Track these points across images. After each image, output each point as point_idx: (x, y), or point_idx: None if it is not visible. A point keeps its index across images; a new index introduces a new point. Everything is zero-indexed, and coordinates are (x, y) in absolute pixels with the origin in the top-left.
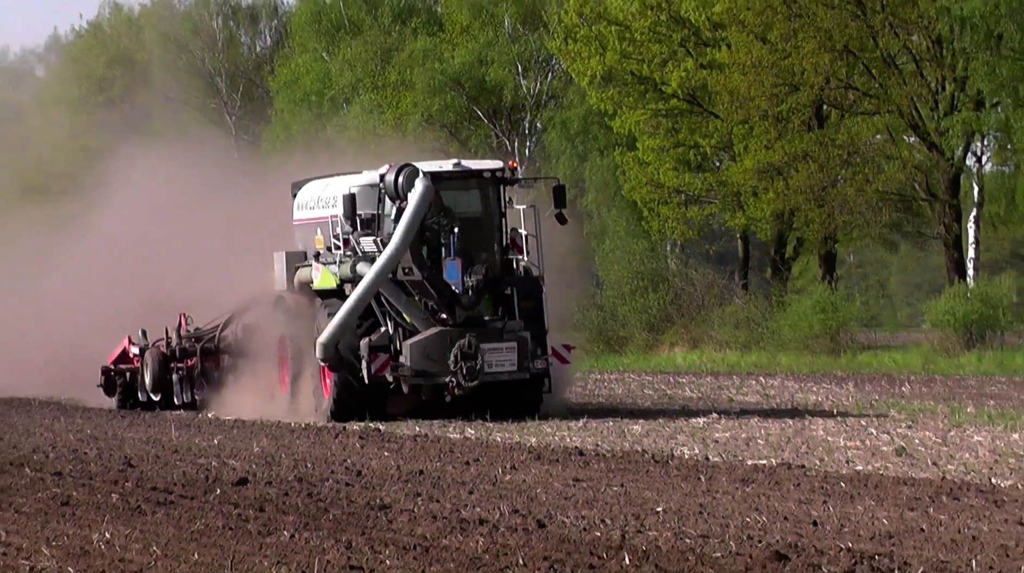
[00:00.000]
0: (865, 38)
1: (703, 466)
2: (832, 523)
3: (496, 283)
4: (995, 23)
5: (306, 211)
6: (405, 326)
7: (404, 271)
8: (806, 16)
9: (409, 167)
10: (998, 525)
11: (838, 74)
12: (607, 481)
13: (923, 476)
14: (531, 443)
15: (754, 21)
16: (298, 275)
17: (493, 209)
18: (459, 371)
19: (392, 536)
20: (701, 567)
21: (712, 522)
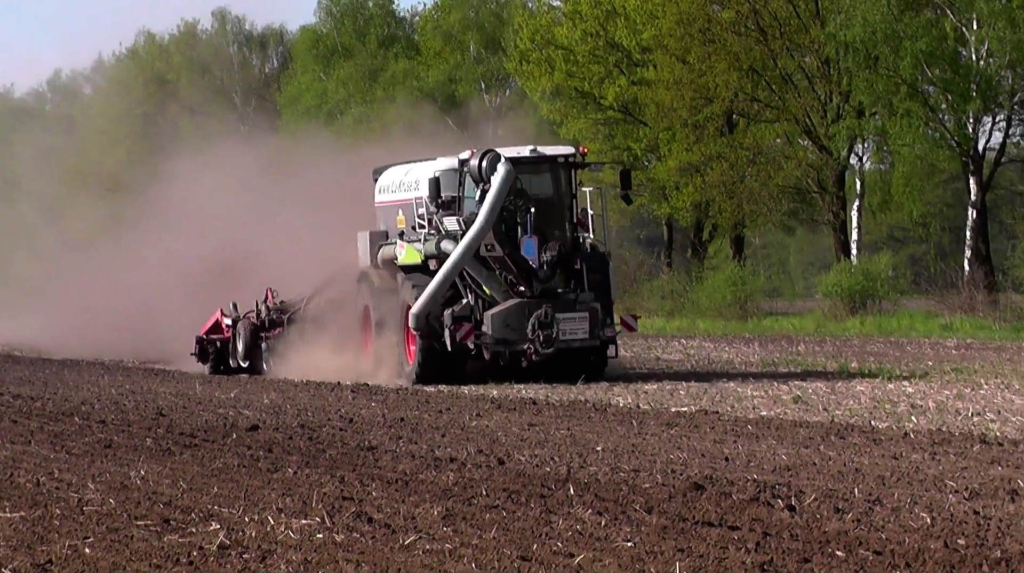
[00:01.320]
0: (767, 59)
1: (635, 413)
2: (741, 459)
3: (567, 258)
4: (872, 47)
5: (387, 194)
6: (485, 298)
7: (487, 248)
8: (718, 42)
9: (492, 153)
10: (876, 459)
11: (745, 89)
12: (556, 426)
13: (815, 419)
14: (493, 394)
15: (676, 45)
16: (382, 253)
17: (564, 191)
18: (536, 339)
19: (378, 472)
20: (633, 496)
21: (642, 459)
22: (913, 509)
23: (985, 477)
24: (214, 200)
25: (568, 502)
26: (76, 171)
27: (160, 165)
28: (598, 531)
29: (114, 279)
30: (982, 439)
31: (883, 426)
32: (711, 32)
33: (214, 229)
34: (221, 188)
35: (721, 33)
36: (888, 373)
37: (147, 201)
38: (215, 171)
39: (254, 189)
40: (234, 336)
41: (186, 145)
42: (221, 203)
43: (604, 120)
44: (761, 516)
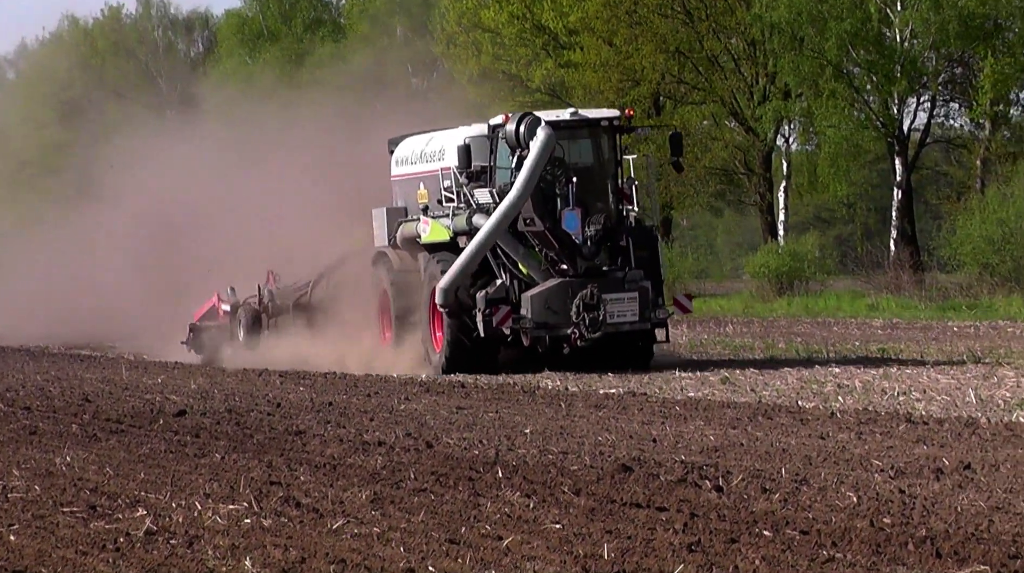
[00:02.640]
0: (693, 42)
1: (564, 395)
2: (669, 440)
3: (612, 233)
4: (798, 28)
5: (406, 167)
6: (521, 278)
7: (525, 222)
8: (645, 24)
9: (530, 116)
10: (803, 439)
11: (671, 71)
12: (484, 409)
13: (743, 400)
14: (421, 378)
15: (602, 28)
16: (402, 230)
17: (608, 158)
18: (581, 322)
19: (306, 456)
20: (561, 478)
21: (570, 441)
22: (839, 488)
23: (910, 456)
24: (162, 178)
25: (496, 485)
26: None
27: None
28: (526, 513)
29: (54, 263)
30: (908, 418)
31: (810, 406)
32: (637, 14)
33: (162, 208)
34: (168, 166)
35: (647, 15)
36: (815, 353)
37: (86, 182)
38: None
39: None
40: (234, 322)
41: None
42: (170, 180)
43: (531, 103)
44: (689, 497)
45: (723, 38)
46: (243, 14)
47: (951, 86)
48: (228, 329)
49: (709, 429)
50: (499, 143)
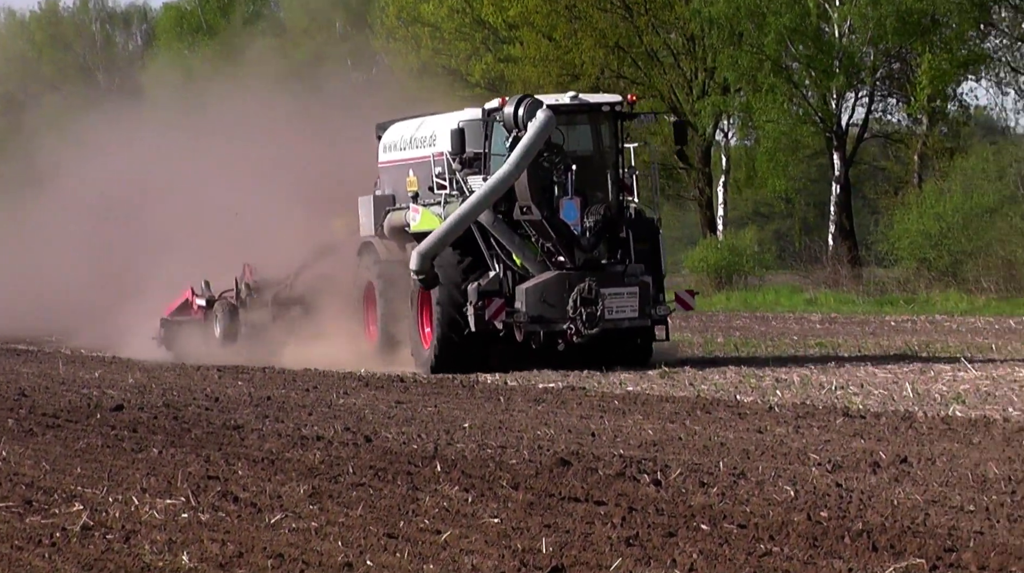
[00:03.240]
0: (632, 36)
1: (503, 389)
2: (607, 434)
3: (612, 225)
4: (737, 23)
5: (395, 152)
6: (516, 270)
7: (522, 210)
8: (584, 18)
9: (530, 98)
10: (741, 433)
11: (611, 66)
12: (423, 403)
13: (682, 394)
14: (360, 372)
15: (542, 23)
16: (389, 219)
17: (610, 145)
18: (578, 317)
19: (244, 451)
20: (500, 472)
21: (509, 435)
22: (777, 482)
23: (847, 450)
24: (107, 168)
25: (435, 479)
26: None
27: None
28: (464, 508)
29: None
30: (845, 412)
31: (748, 400)
32: (577, 9)
33: (109, 198)
34: (115, 155)
35: (587, 10)
36: (753, 347)
37: (29, 174)
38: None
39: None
40: (211, 318)
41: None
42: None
43: (471, 97)
44: (627, 491)
45: (662, 33)
46: (181, 8)
47: (889, 81)
48: (202, 324)
49: (648, 423)
50: (494, 128)
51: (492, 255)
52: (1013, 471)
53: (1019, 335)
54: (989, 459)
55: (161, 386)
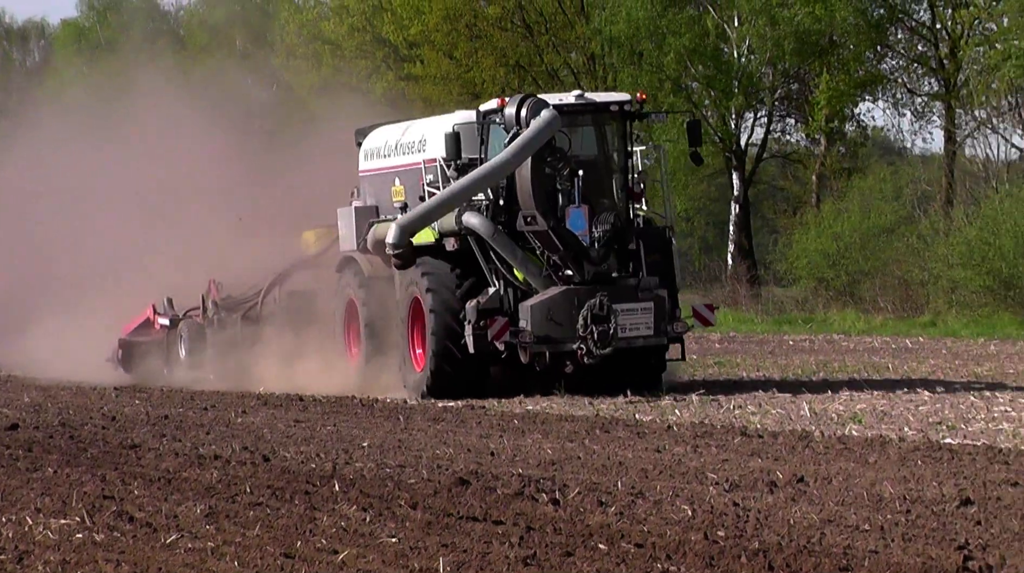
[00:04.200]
0: (533, 55)
1: (402, 409)
2: (507, 453)
3: (621, 235)
4: (637, 43)
5: (378, 160)
6: (518, 286)
7: (526, 220)
8: (485, 37)
9: (533, 98)
10: (640, 452)
11: (512, 85)
12: (322, 422)
13: (581, 414)
14: (259, 391)
15: (443, 41)
16: (374, 232)
17: (618, 148)
18: (589, 336)
19: (141, 470)
20: (398, 492)
21: (408, 454)
22: (674, 501)
23: (745, 469)
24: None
25: (333, 498)
26: None
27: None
28: (362, 527)
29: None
30: (743, 432)
31: (647, 419)
32: (477, 28)
33: (27, 216)
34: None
35: (487, 29)
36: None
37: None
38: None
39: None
40: (176, 338)
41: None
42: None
43: (372, 115)
44: (525, 510)
45: (563, 52)
46: (80, 24)
47: (787, 102)
48: (165, 345)
49: (547, 442)
50: (491, 132)
51: (492, 270)
52: (908, 490)
53: (915, 354)
54: (885, 478)
55: (57, 405)
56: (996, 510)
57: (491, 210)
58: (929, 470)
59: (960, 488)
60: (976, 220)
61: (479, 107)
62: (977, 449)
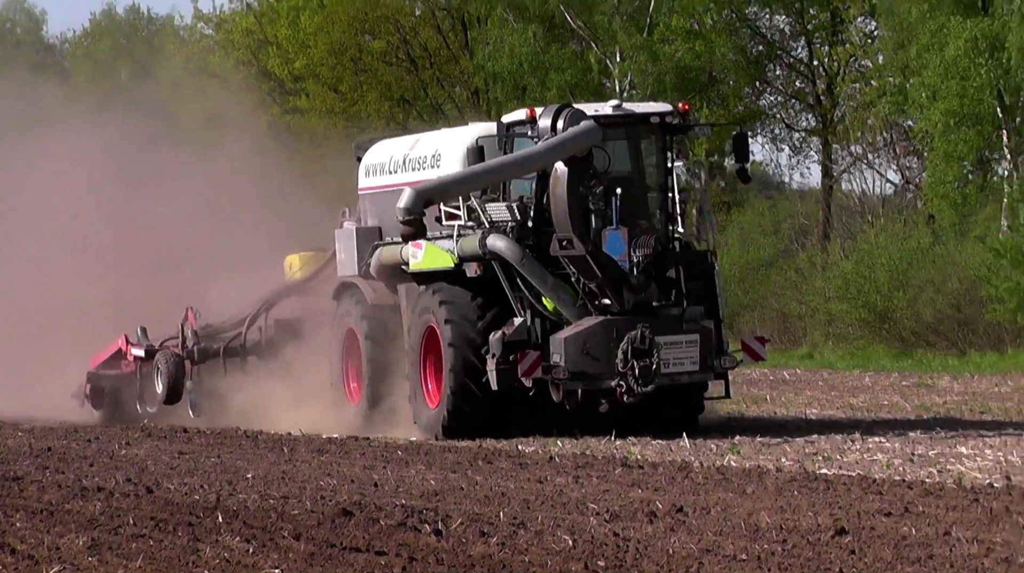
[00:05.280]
0: (418, 89)
1: (286, 440)
2: (390, 484)
3: (660, 260)
4: (520, 77)
5: (382, 176)
6: (546, 315)
7: (562, 244)
8: (370, 71)
9: (571, 108)
10: (522, 483)
11: (397, 118)
12: (207, 453)
13: (464, 445)
14: (143, 424)
15: (328, 75)
16: (379, 256)
17: (658, 164)
18: (630, 372)
19: (23, 503)
20: (281, 523)
21: (292, 485)
22: (556, 532)
23: (625, 499)
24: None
25: (216, 530)
26: None
27: None
28: (246, 558)
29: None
30: (623, 462)
31: (529, 450)
32: (362, 62)
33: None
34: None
35: (372, 63)
36: None
37: None
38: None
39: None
40: (152, 371)
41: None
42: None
43: (259, 150)
44: (408, 541)
45: (447, 87)
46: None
47: None
48: (137, 378)
49: (430, 473)
50: (516, 144)
51: (518, 298)
52: (784, 520)
53: (793, 386)
54: (762, 509)
55: None
56: (870, 540)
57: (516, 232)
58: (805, 500)
59: (835, 518)
60: (852, 254)
61: (500, 118)
62: (852, 480)
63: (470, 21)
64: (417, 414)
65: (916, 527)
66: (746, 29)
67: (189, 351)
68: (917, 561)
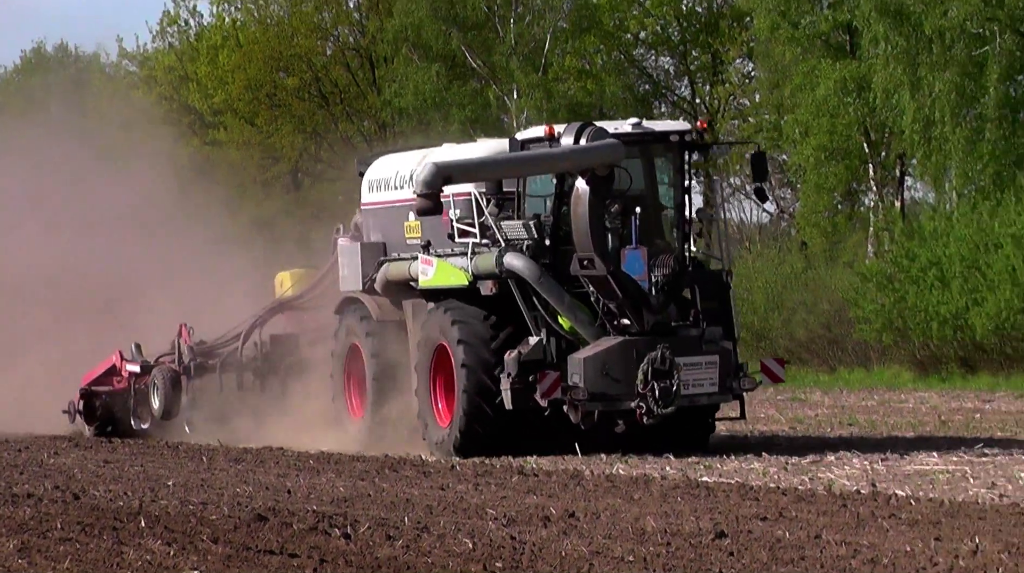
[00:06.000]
0: (328, 123)
1: (205, 450)
2: (302, 491)
3: (677, 280)
4: (424, 112)
5: (387, 192)
6: (562, 335)
7: (582, 264)
8: (284, 106)
9: (593, 126)
10: (426, 490)
11: (309, 150)
12: (131, 462)
13: (372, 454)
14: (70, 433)
15: (245, 109)
16: (385, 271)
17: (675, 182)
18: (650, 393)
19: None
20: (201, 527)
21: (211, 492)
22: (457, 535)
23: (521, 505)
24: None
25: (139, 534)
26: None
27: None
28: (167, 560)
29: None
30: (520, 471)
31: (432, 460)
32: (277, 97)
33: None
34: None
35: (286, 98)
36: None
37: None
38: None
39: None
40: (148, 387)
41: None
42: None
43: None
44: (319, 544)
45: (356, 121)
46: None
47: None
48: (131, 394)
49: (340, 481)
50: None
51: (535, 317)
52: (669, 524)
53: None
54: (647, 513)
55: None
56: (747, 542)
57: (532, 250)
58: (688, 506)
59: (715, 522)
60: (731, 278)
61: (515, 135)
62: (731, 487)
63: (377, 60)
64: (427, 432)
65: (789, 530)
66: (634, 69)
67: (185, 367)
68: (790, 562)
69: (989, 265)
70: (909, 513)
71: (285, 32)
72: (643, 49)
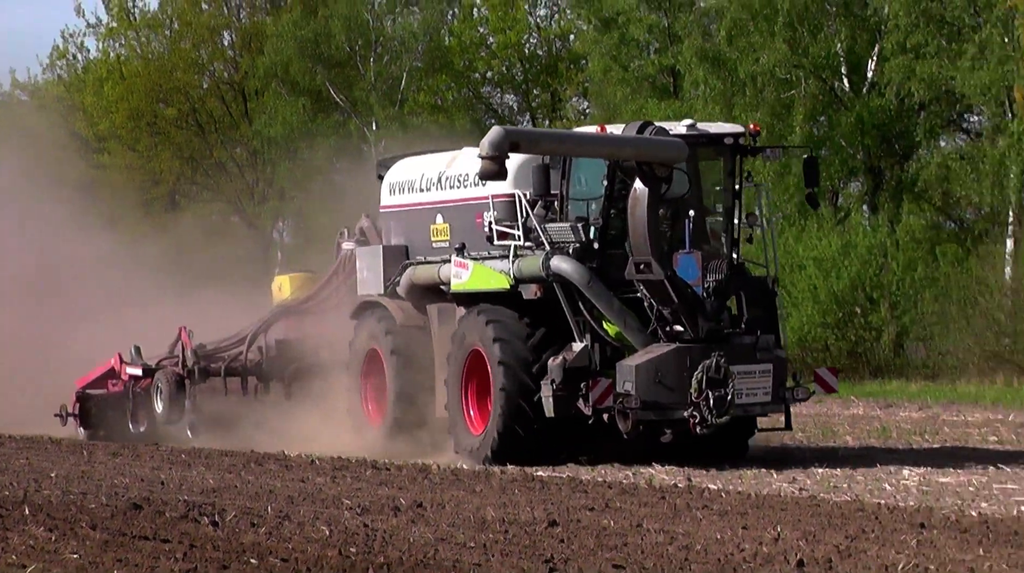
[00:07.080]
0: (204, 150)
1: (85, 445)
2: (175, 482)
3: (727, 286)
4: (291, 142)
5: (413, 194)
6: (608, 341)
7: (639, 268)
8: (164, 134)
9: (652, 124)
10: (288, 482)
11: (186, 174)
12: (16, 456)
13: (238, 448)
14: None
15: (127, 136)
16: (410, 275)
17: (726, 186)
18: (703, 402)
19: None
20: (80, 515)
21: (90, 483)
22: (315, 523)
23: (375, 496)
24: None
25: (23, 521)
26: None
27: None
28: (48, 545)
29: None
30: (373, 465)
31: (294, 455)
32: (157, 126)
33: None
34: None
35: (166, 127)
36: None
37: None
38: None
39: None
40: (151, 390)
41: None
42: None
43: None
44: (189, 531)
45: (229, 148)
46: None
47: None
48: (129, 398)
49: (209, 474)
50: (573, 164)
51: (580, 322)
52: (507, 514)
53: None
54: (488, 504)
55: None
56: (576, 530)
57: (579, 253)
58: (524, 497)
59: (548, 512)
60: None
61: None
62: (563, 480)
63: (249, 94)
64: (458, 441)
65: (614, 520)
66: (481, 105)
67: (189, 370)
68: (615, 548)
69: (794, 284)
70: (720, 505)
71: (165, 67)
72: (490, 87)
